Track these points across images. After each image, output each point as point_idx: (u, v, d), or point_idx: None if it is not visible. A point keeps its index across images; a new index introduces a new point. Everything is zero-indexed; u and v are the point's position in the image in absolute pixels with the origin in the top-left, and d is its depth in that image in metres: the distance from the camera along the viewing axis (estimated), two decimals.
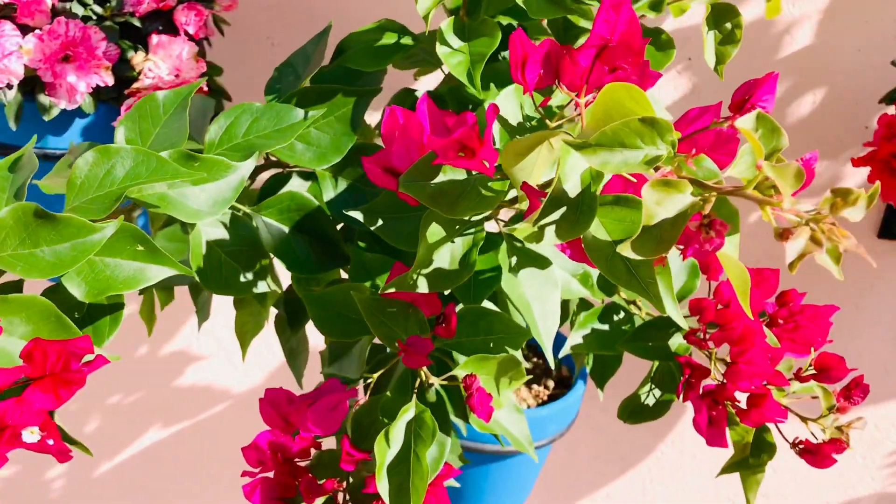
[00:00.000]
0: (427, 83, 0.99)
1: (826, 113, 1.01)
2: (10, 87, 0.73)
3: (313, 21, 1.02)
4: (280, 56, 1.06)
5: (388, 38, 0.62)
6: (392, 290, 0.47)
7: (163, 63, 0.77)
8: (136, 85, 0.77)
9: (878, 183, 0.30)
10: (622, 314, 0.64)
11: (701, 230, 0.31)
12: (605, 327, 0.63)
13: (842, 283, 1.11)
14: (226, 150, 0.55)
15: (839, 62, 0.98)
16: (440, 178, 0.45)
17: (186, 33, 0.81)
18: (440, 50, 0.55)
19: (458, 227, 0.48)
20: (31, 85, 0.76)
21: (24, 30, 0.75)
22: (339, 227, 0.62)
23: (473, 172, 0.45)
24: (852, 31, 0.96)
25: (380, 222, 0.54)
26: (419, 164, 0.45)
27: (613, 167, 0.34)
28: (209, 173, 0.51)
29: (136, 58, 0.78)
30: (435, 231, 0.48)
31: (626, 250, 0.31)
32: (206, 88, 0.81)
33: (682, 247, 0.33)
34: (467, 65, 0.54)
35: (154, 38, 0.78)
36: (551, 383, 0.96)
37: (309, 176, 0.64)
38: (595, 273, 0.60)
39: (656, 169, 0.33)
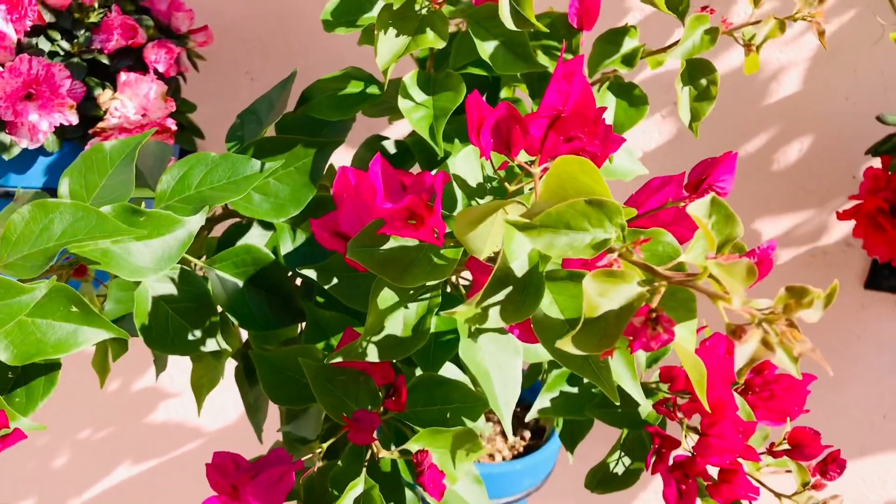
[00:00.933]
0: (401, 127, 0.97)
1: (813, 161, 0.99)
2: None
3: (293, 56, 1.00)
4: (259, 90, 1.04)
5: (354, 87, 0.60)
6: (339, 359, 0.45)
7: (130, 102, 0.75)
8: (101, 124, 0.75)
9: (836, 282, 0.28)
10: None
11: (647, 325, 0.28)
12: (575, 390, 0.60)
13: (827, 333, 1.09)
14: (177, 201, 0.53)
15: (827, 110, 0.96)
16: (390, 243, 0.43)
17: (156, 71, 0.79)
18: (402, 104, 0.53)
19: (411, 291, 0.46)
20: None
21: None
22: (298, 281, 0.60)
23: None
24: (840, 80, 0.95)
25: (334, 281, 0.52)
26: (368, 228, 0.42)
27: (559, 250, 0.31)
28: (155, 229, 0.48)
29: (103, 96, 0.76)
30: (386, 297, 0.45)
31: (566, 346, 0.29)
32: (174, 127, 0.79)
33: (630, 338, 0.31)
34: (430, 120, 0.52)
35: (122, 77, 0.76)
36: (527, 434, 0.93)
37: (270, 225, 0.62)
38: None
39: (610, 251, 0.31)
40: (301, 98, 0.61)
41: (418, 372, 0.53)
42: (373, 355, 0.45)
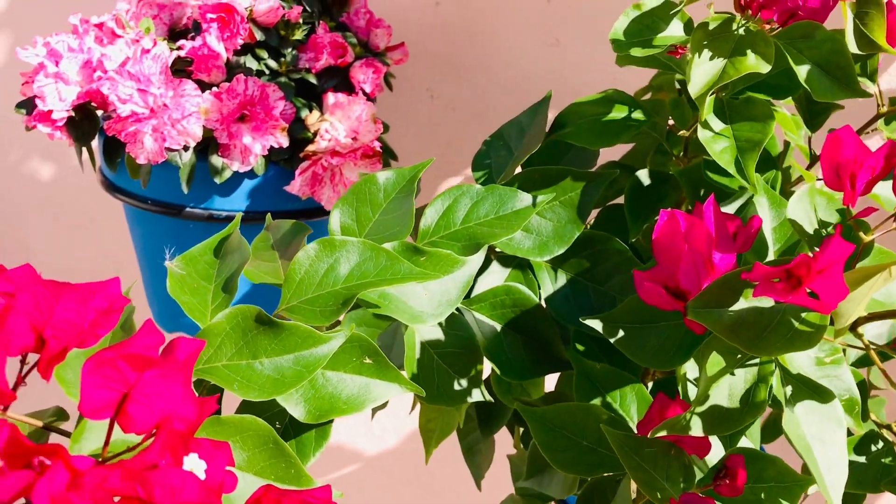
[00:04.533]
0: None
1: None
2: (186, 148, 0.69)
3: (477, 72, 0.96)
4: (439, 108, 1.00)
5: (618, 112, 0.54)
6: (663, 432, 0.39)
7: (340, 124, 0.72)
8: (311, 147, 0.72)
9: None
10: (881, 444, 0.54)
11: None
12: (862, 459, 0.53)
13: None
14: (442, 238, 0.48)
15: None
16: (740, 304, 0.37)
17: (363, 91, 0.76)
18: (702, 134, 0.47)
19: (739, 356, 0.40)
20: (205, 144, 0.72)
21: (199, 86, 0.71)
22: None
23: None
24: None
25: (620, 333, 0.46)
26: (714, 287, 0.37)
27: None
28: (434, 270, 0.44)
29: (311, 118, 0.73)
30: (714, 361, 0.39)
31: None
32: (379, 149, 0.75)
33: None
34: (734, 152, 0.46)
35: (330, 98, 0.73)
36: None
37: (510, 261, 0.57)
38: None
39: None
40: (555, 123, 0.56)
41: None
42: (696, 429, 0.39)
